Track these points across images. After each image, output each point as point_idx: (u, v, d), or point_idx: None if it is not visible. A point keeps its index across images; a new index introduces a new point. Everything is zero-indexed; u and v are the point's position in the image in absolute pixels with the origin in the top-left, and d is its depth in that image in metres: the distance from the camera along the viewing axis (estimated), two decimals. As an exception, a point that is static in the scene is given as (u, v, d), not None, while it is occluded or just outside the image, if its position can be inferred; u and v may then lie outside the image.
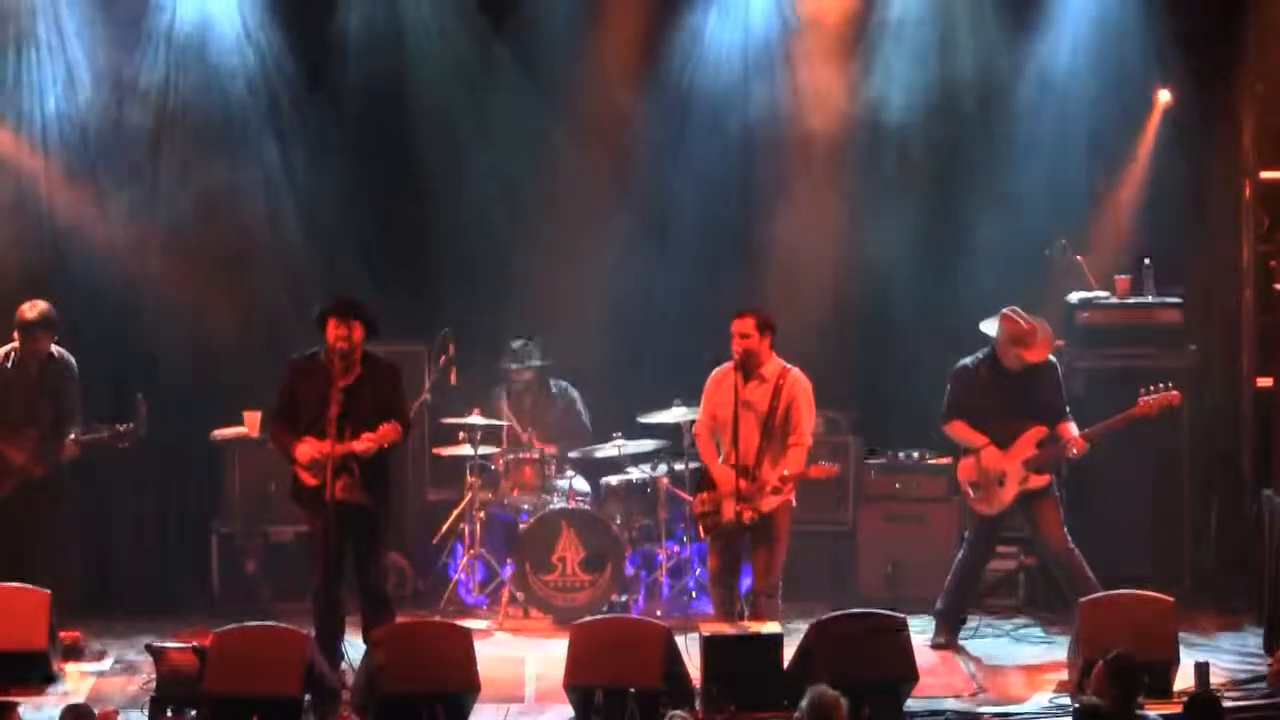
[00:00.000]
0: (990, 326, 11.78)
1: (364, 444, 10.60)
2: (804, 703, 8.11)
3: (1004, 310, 11.70)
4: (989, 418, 11.63)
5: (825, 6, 13.46)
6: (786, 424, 10.87)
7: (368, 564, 10.87)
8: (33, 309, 11.91)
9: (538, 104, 13.49)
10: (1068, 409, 11.63)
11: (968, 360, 11.79)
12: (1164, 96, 13.04)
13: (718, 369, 11.09)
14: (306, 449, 10.63)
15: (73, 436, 11.89)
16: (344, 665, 10.75)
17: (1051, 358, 11.72)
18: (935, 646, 11.68)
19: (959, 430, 11.76)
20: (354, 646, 10.90)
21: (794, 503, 11.04)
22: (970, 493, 11.74)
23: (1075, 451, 11.53)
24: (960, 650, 11.71)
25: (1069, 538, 11.58)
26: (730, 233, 13.58)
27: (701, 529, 11.22)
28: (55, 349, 11.96)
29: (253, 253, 13.40)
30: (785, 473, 10.82)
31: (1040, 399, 11.60)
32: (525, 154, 13.47)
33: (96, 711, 8.64)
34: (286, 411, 10.82)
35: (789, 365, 10.99)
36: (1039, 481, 11.56)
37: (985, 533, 11.80)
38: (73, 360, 12.04)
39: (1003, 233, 13.24)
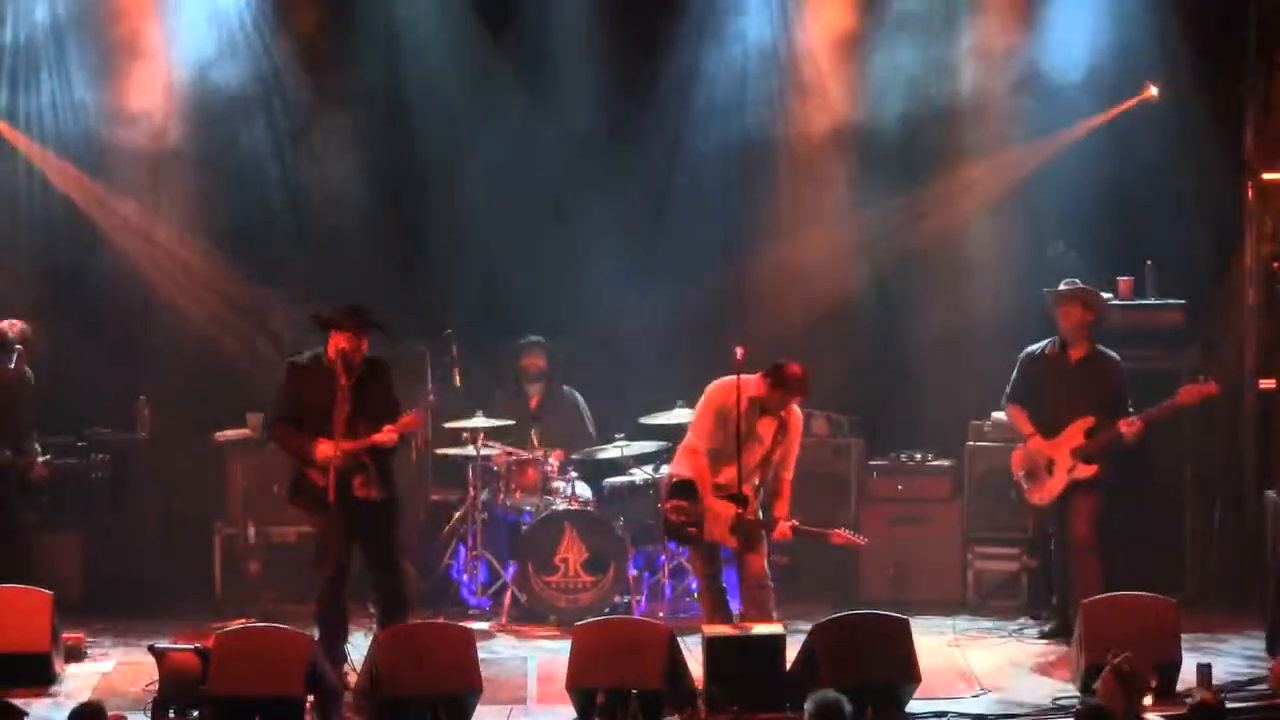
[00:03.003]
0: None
1: (385, 435, 10.62)
2: (808, 706, 8.09)
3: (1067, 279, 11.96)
4: (1045, 403, 11.77)
5: (824, 8, 13.49)
6: (784, 458, 10.84)
7: (390, 560, 10.88)
8: (13, 327, 12.00)
9: (540, 108, 13.50)
10: (1130, 410, 11.65)
11: (1035, 345, 11.91)
12: (1152, 91, 13.04)
13: (726, 384, 10.72)
14: (326, 447, 10.61)
15: (45, 458, 11.97)
16: (346, 666, 10.75)
17: (1115, 355, 11.81)
18: (1044, 635, 11.88)
19: (1014, 415, 11.92)
20: (356, 648, 10.89)
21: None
22: (1022, 482, 11.87)
23: (1128, 434, 11.58)
24: (979, 649, 11.77)
25: (1096, 535, 11.62)
26: (733, 234, 13.60)
27: (665, 533, 11.19)
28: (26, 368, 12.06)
29: (256, 254, 13.43)
30: (796, 523, 10.80)
31: (1097, 391, 11.69)
32: (528, 157, 13.48)
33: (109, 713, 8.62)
34: (292, 414, 10.78)
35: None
36: (1087, 471, 11.65)
37: (1056, 518, 11.90)
38: (32, 377, 12.10)
39: (1005, 234, 13.26)
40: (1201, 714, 8.45)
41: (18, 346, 12.00)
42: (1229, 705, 9.57)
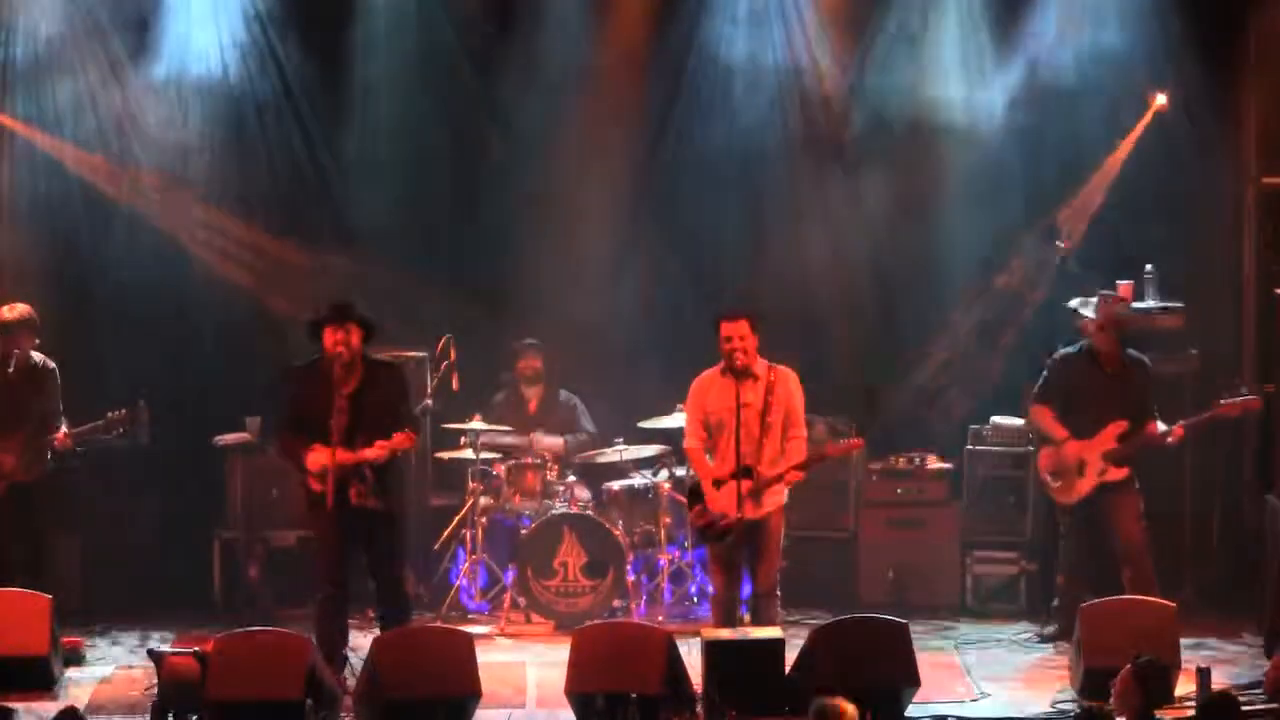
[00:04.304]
0: (1087, 308, 12.04)
1: (376, 451, 10.60)
2: (812, 711, 8.08)
3: (1101, 292, 12.00)
4: (1078, 408, 11.77)
5: (827, 11, 13.51)
6: (785, 420, 10.83)
7: (388, 570, 10.88)
8: (12, 310, 11.91)
9: (542, 110, 13.50)
10: (1156, 411, 11.72)
11: (1069, 349, 11.94)
12: (1159, 100, 13.05)
13: (702, 376, 10.92)
14: (317, 457, 10.60)
15: (64, 430, 11.87)
16: (346, 670, 10.75)
17: (1145, 359, 11.85)
18: (1044, 639, 11.90)
19: (1042, 417, 11.90)
20: (355, 652, 10.89)
21: (786, 496, 10.97)
22: (1049, 481, 11.90)
23: (1172, 440, 11.66)
24: (972, 652, 11.77)
25: (1145, 535, 11.66)
26: (732, 237, 13.60)
27: (699, 540, 11.16)
28: (36, 354, 11.95)
29: (255, 258, 13.43)
30: (797, 461, 10.79)
31: (1130, 396, 11.72)
32: (528, 160, 13.48)
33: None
34: (292, 420, 10.78)
35: (772, 363, 10.92)
36: (1118, 474, 11.68)
37: (1078, 522, 11.89)
38: (54, 365, 12.02)
39: (1005, 239, 13.28)
40: (1215, 707, 8.39)
41: (23, 333, 11.91)
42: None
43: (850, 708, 7.87)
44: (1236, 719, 8.13)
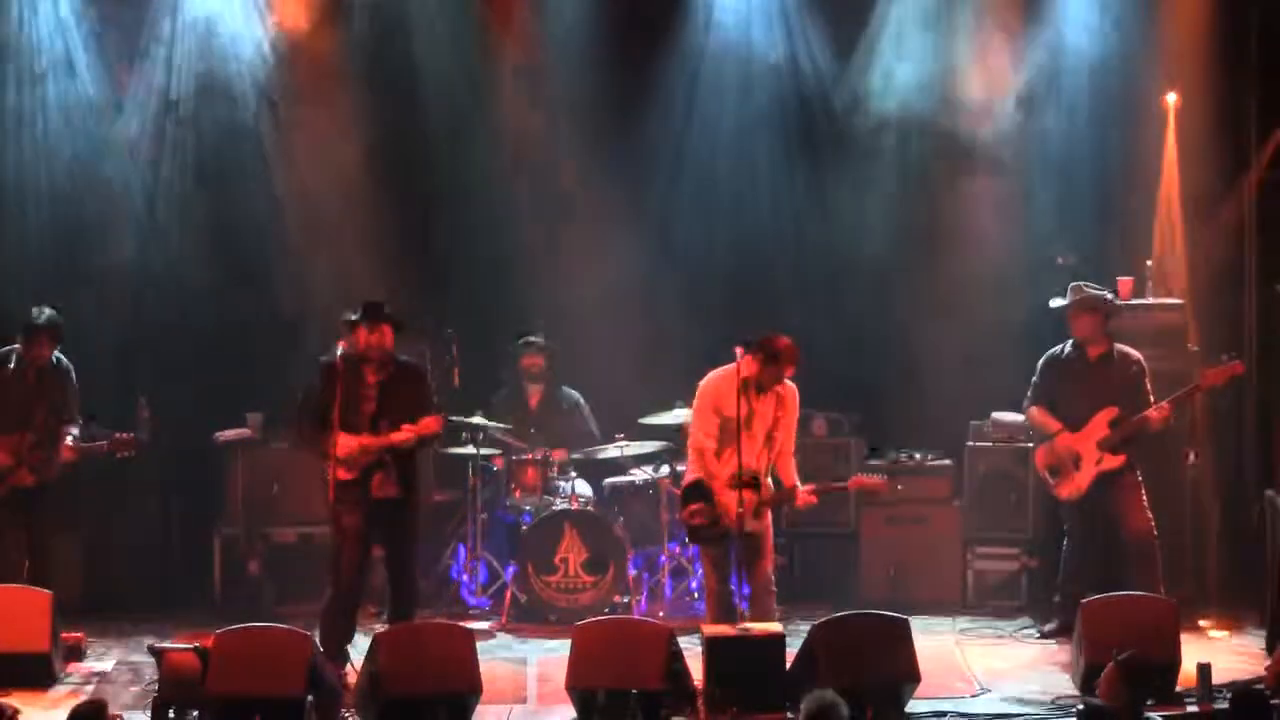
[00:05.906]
0: (1060, 302, 12.10)
1: (404, 435, 10.69)
2: (804, 706, 8.10)
3: (1073, 283, 12.02)
4: (1068, 401, 11.85)
5: (827, 10, 13.53)
6: (786, 431, 10.82)
7: (403, 560, 10.94)
8: (40, 314, 11.92)
9: (544, 107, 13.50)
10: (1153, 402, 11.74)
11: (1055, 348, 12.02)
12: (1171, 100, 13.04)
13: (719, 376, 10.82)
14: (346, 442, 10.65)
15: (70, 441, 11.85)
16: (347, 666, 10.75)
17: (1137, 353, 11.89)
18: (1045, 635, 11.90)
19: (1037, 416, 11.99)
20: (356, 648, 10.89)
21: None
22: (1048, 478, 11.94)
23: (1156, 421, 11.66)
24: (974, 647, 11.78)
25: (1152, 522, 11.67)
26: (732, 234, 13.61)
27: (691, 539, 11.16)
28: (56, 354, 11.94)
29: (256, 254, 13.43)
30: (813, 486, 10.83)
31: (1120, 385, 11.77)
32: (530, 157, 13.49)
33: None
34: (318, 412, 10.77)
35: None
36: (1114, 462, 11.72)
37: (1081, 518, 11.90)
38: (71, 367, 12.00)
39: (1007, 235, 13.28)
40: (1244, 703, 8.37)
41: (44, 337, 11.88)
42: (1221, 707, 9.60)
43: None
44: (1267, 714, 8.15)
